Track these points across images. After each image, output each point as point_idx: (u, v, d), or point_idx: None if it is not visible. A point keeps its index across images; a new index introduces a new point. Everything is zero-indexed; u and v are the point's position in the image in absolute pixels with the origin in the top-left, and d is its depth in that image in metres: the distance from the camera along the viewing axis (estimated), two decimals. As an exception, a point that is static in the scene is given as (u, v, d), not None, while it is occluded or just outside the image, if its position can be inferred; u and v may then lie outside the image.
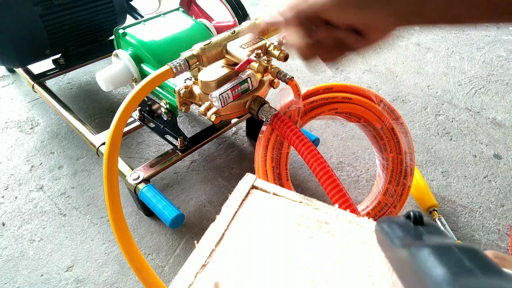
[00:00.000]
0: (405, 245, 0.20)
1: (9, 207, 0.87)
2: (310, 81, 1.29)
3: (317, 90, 0.74)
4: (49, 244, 0.79)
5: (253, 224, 0.26)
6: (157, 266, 0.76)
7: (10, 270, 0.75)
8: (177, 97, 0.69)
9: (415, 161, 0.99)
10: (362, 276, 0.23)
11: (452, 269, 0.16)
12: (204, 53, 0.62)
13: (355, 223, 0.26)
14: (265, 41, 0.65)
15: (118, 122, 0.54)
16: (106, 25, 1.12)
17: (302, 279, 0.23)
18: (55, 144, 1.03)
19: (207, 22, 0.92)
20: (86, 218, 0.85)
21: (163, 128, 0.87)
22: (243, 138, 1.06)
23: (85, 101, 1.17)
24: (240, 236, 0.26)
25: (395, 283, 0.22)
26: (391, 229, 0.22)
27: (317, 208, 0.28)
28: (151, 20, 0.87)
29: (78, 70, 1.24)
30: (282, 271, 0.23)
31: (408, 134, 0.76)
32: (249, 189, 0.29)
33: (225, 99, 0.61)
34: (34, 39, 0.98)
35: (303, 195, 0.29)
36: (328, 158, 1.00)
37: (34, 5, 0.94)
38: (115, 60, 0.82)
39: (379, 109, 0.74)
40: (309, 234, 0.25)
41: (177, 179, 0.94)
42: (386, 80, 1.29)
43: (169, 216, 0.70)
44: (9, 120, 1.11)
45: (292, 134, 0.62)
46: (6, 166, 0.96)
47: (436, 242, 0.19)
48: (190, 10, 1.24)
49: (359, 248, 0.24)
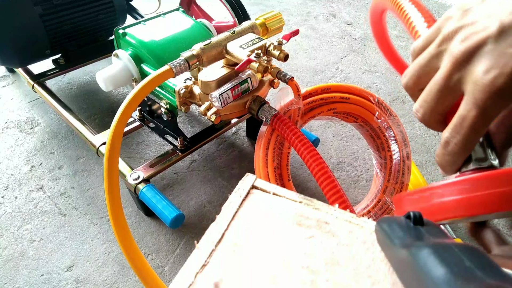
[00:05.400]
0: (405, 245, 0.20)
1: (9, 207, 0.87)
2: (309, 81, 1.29)
3: (315, 90, 0.74)
4: (49, 244, 0.79)
5: (253, 224, 0.26)
6: (157, 266, 0.76)
7: (10, 270, 0.75)
8: (177, 97, 0.69)
9: (415, 160, 0.99)
10: (362, 276, 0.23)
11: (452, 269, 0.16)
12: (204, 53, 0.62)
13: (355, 223, 0.26)
14: (265, 41, 0.65)
15: (118, 122, 0.54)
16: (106, 25, 1.12)
17: (302, 279, 0.23)
18: (55, 144, 1.03)
19: (207, 22, 0.92)
20: (86, 218, 0.85)
21: (163, 128, 0.87)
22: (243, 138, 1.06)
23: (85, 101, 1.18)
24: (240, 236, 0.26)
25: (395, 283, 0.22)
26: (391, 229, 0.22)
27: (317, 208, 0.28)
28: (151, 20, 0.87)
29: (78, 70, 1.24)
30: (282, 271, 0.23)
31: (404, 133, 0.77)
32: (249, 189, 0.29)
33: (225, 99, 0.61)
34: (34, 39, 0.98)
35: (303, 195, 0.29)
36: (328, 158, 1.00)
37: (34, 5, 0.94)
38: (115, 60, 0.82)
39: (376, 108, 0.74)
40: (309, 234, 0.25)
41: (177, 179, 0.94)
42: (386, 80, 1.29)
43: (169, 216, 0.70)
44: (9, 120, 1.11)
45: (291, 134, 0.62)
46: (6, 166, 0.96)
47: (436, 242, 0.19)
48: (190, 10, 1.24)
49: (359, 248, 0.24)
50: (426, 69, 0.25)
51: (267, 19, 0.76)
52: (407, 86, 0.27)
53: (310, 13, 1.69)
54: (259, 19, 0.75)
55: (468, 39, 0.23)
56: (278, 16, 0.78)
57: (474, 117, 0.22)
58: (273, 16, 0.77)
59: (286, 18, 1.61)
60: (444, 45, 0.24)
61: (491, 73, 0.21)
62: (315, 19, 1.65)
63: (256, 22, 0.72)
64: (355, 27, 1.60)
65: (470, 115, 0.22)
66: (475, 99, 0.22)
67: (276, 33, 0.80)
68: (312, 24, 1.62)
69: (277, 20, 0.78)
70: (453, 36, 0.24)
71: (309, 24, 1.62)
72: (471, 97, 0.22)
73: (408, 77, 0.27)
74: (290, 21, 1.63)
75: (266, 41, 0.65)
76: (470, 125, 0.22)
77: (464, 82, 0.23)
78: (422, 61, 0.26)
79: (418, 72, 0.26)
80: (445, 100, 0.24)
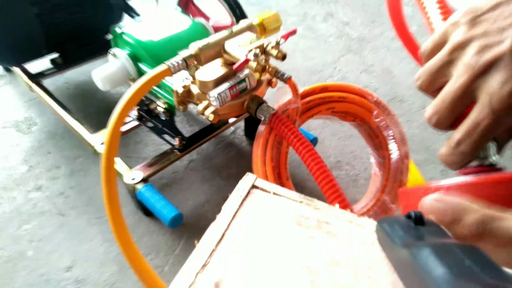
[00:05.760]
0: (406, 245, 0.20)
1: (7, 207, 0.86)
2: (307, 81, 1.29)
3: (313, 89, 0.74)
4: (48, 245, 0.79)
5: (254, 223, 0.26)
6: (157, 266, 0.76)
7: (9, 271, 0.75)
8: (175, 96, 0.68)
9: (414, 159, 0.99)
10: (362, 276, 0.23)
11: (453, 269, 0.16)
12: (202, 52, 0.61)
13: (356, 223, 0.26)
14: (263, 40, 0.65)
15: (116, 122, 0.54)
16: (103, 24, 1.11)
17: (302, 279, 0.23)
18: (52, 144, 1.03)
19: (204, 22, 0.92)
20: (84, 218, 0.84)
21: (161, 127, 0.86)
22: (241, 137, 1.06)
23: (83, 101, 1.17)
24: (241, 236, 0.26)
25: (395, 283, 0.22)
26: (392, 229, 0.22)
27: (318, 208, 0.28)
28: (149, 19, 0.87)
29: (75, 70, 1.24)
30: (282, 271, 0.23)
31: (402, 132, 0.77)
32: (249, 189, 0.29)
33: (223, 98, 0.61)
34: (31, 38, 0.98)
35: (304, 195, 0.29)
36: (327, 157, 1.00)
37: (31, 5, 0.93)
38: (112, 59, 0.82)
39: (374, 107, 0.74)
40: (309, 234, 0.26)
41: (175, 179, 0.94)
42: (383, 80, 1.29)
43: (168, 215, 0.70)
44: (6, 120, 1.10)
45: (290, 133, 0.62)
46: (4, 166, 0.96)
47: (437, 242, 0.19)
48: (188, 9, 1.24)
49: (359, 248, 0.25)
50: (439, 75, 0.28)
51: (264, 19, 0.76)
52: (421, 88, 0.30)
53: (307, 13, 1.69)
54: (257, 19, 0.75)
55: (484, 52, 0.25)
56: (275, 16, 0.78)
57: (487, 124, 0.24)
58: (271, 16, 0.77)
59: (284, 18, 1.60)
60: (456, 54, 0.26)
61: (508, 85, 0.23)
62: (312, 19, 1.65)
63: (253, 22, 0.72)
64: (352, 27, 1.60)
65: (484, 122, 0.24)
66: (491, 109, 0.24)
67: (274, 33, 0.80)
68: (309, 24, 1.62)
69: (275, 20, 0.78)
70: (465, 46, 0.26)
71: (306, 24, 1.62)
72: (487, 106, 0.24)
73: (421, 81, 0.29)
74: (287, 21, 1.63)
75: (264, 41, 0.65)
76: (482, 130, 0.25)
77: (480, 92, 0.25)
78: (434, 67, 0.28)
79: (431, 76, 0.28)
80: (459, 107, 0.26)
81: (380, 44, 1.48)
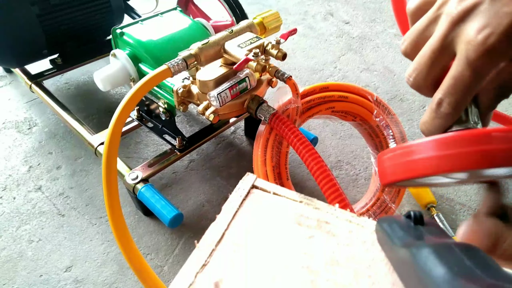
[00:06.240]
0: (405, 245, 0.20)
1: (7, 207, 0.87)
2: (307, 80, 1.29)
3: (313, 89, 0.74)
4: (48, 245, 0.79)
5: (254, 223, 0.26)
6: (156, 266, 0.76)
7: (9, 271, 0.75)
8: (175, 96, 0.68)
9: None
10: (362, 276, 0.23)
11: (453, 269, 0.16)
12: (202, 52, 0.61)
13: (356, 223, 0.26)
14: (263, 40, 0.65)
15: (116, 122, 0.54)
16: (103, 24, 1.12)
17: (302, 279, 0.23)
18: (53, 144, 1.03)
19: (204, 22, 0.92)
20: (84, 218, 0.85)
21: (162, 127, 0.86)
22: (242, 137, 1.06)
23: (83, 101, 1.17)
24: (241, 235, 0.26)
25: (395, 283, 0.22)
26: (391, 228, 0.22)
27: (318, 207, 0.28)
28: (149, 19, 0.87)
29: (75, 70, 1.24)
30: (282, 271, 0.23)
31: (403, 131, 0.77)
32: (249, 189, 0.29)
33: (223, 98, 0.61)
34: (31, 39, 0.98)
35: (304, 195, 0.29)
36: (327, 157, 1.00)
37: (31, 5, 0.93)
38: (112, 60, 0.82)
39: (374, 106, 0.74)
40: (309, 234, 0.26)
41: (175, 179, 0.94)
42: (384, 78, 1.29)
43: (168, 215, 0.70)
44: (6, 121, 1.10)
45: (290, 133, 0.62)
46: (4, 167, 0.96)
47: (437, 242, 0.19)
48: (188, 10, 1.24)
49: (359, 248, 0.24)
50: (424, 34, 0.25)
51: (264, 18, 0.76)
52: (405, 52, 0.27)
53: (307, 12, 1.69)
54: (257, 18, 0.75)
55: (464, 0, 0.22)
56: (275, 15, 0.78)
57: (467, 76, 0.22)
58: (271, 15, 0.77)
59: (284, 17, 1.61)
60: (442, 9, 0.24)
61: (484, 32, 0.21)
62: (313, 18, 1.65)
63: (254, 21, 0.72)
64: (352, 26, 1.60)
65: (463, 75, 0.22)
66: (467, 59, 0.21)
67: (274, 32, 0.80)
68: (309, 23, 1.62)
69: (275, 19, 0.78)
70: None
71: (306, 23, 1.61)
72: (463, 57, 0.22)
73: (406, 43, 0.26)
74: (287, 20, 1.63)
75: (264, 40, 0.65)
76: (463, 85, 0.22)
77: (457, 43, 0.23)
78: (419, 26, 0.25)
79: (416, 37, 0.25)
80: (439, 62, 0.24)
81: (380, 42, 1.48)
